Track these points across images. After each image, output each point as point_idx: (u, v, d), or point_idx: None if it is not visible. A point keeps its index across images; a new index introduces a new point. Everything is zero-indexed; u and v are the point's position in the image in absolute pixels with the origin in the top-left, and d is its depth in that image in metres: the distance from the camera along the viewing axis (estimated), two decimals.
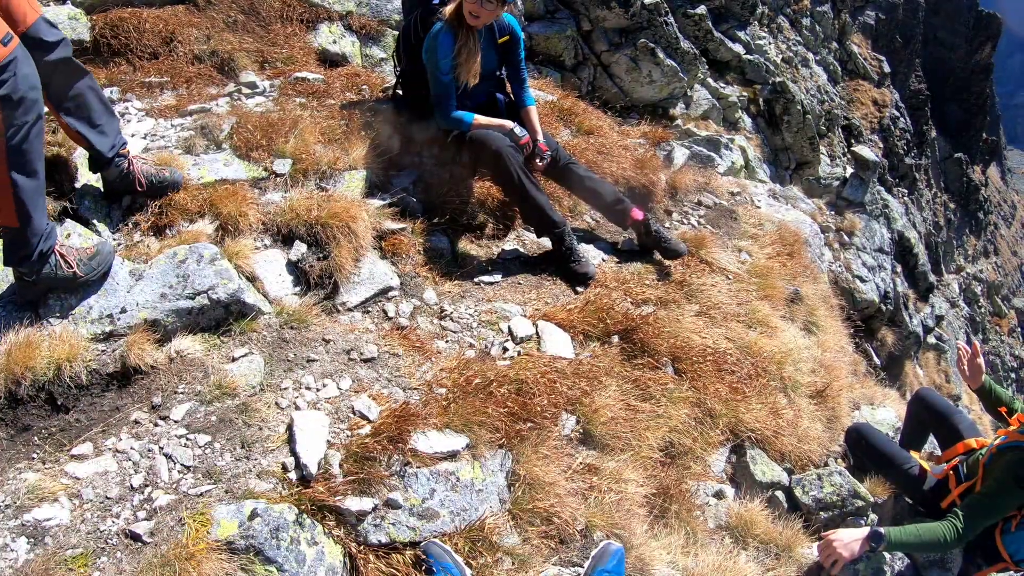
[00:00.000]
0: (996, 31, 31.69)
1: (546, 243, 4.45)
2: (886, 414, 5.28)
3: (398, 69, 4.75)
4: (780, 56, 11.55)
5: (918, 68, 24.29)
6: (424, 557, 2.57)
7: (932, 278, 14.01)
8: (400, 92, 4.77)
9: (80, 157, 3.59)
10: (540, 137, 4.47)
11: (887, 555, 3.62)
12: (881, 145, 15.90)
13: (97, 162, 3.44)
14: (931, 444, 4.78)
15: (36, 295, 2.98)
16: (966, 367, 4.07)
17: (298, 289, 3.61)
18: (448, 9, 4.12)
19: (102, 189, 3.60)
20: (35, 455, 2.64)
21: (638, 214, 4.66)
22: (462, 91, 4.28)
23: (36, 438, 2.69)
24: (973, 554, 3.76)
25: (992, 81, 33.93)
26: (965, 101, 31.77)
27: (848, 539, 3.36)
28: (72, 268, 2.94)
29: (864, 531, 3.39)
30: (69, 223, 3.33)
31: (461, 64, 4.15)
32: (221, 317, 3.21)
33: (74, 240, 3.23)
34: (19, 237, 2.81)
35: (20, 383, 2.69)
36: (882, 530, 3.37)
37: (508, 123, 4.34)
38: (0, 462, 2.60)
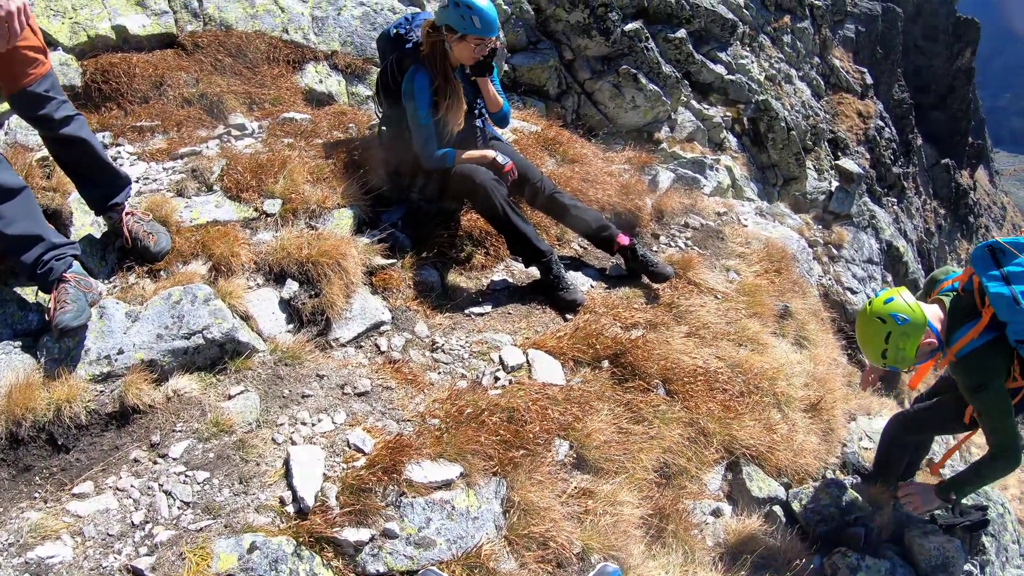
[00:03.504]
0: (975, 36, 31.99)
1: (534, 272, 4.50)
2: (883, 424, 5.30)
3: (380, 113, 4.84)
4: (763, 74, 11.70)
5: (900, 78, 24.50)
6: None
7: None
8: (384, 129, 4.85)
9: (75, 202, 3.66)
10: (501, 100, 4.52)
11: (897, 559, 3.70)
12: (868, 156, 16.03)
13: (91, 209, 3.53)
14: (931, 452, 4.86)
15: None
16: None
17: (291, 326, 3.67)
18: (424, 51, 4.20)
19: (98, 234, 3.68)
20: (37, 494, 2.69)
21: (624, 240, 4.72)
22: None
23: (38, 478, 2.74)
24: None
25: (975, 85, 34.20)
26: (949, 107, 32.00)
27: (922, 493, 3.79)
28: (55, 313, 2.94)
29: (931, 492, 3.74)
30: None
31: (446, 114, 4.23)
32: (216, 356, 3.27)
33: None
34: None
35: (21, 424, 2.75)
36: (943, 484, 3.66)
37: (490, 153, 4.40)
38: (3, 502, 2.65)
